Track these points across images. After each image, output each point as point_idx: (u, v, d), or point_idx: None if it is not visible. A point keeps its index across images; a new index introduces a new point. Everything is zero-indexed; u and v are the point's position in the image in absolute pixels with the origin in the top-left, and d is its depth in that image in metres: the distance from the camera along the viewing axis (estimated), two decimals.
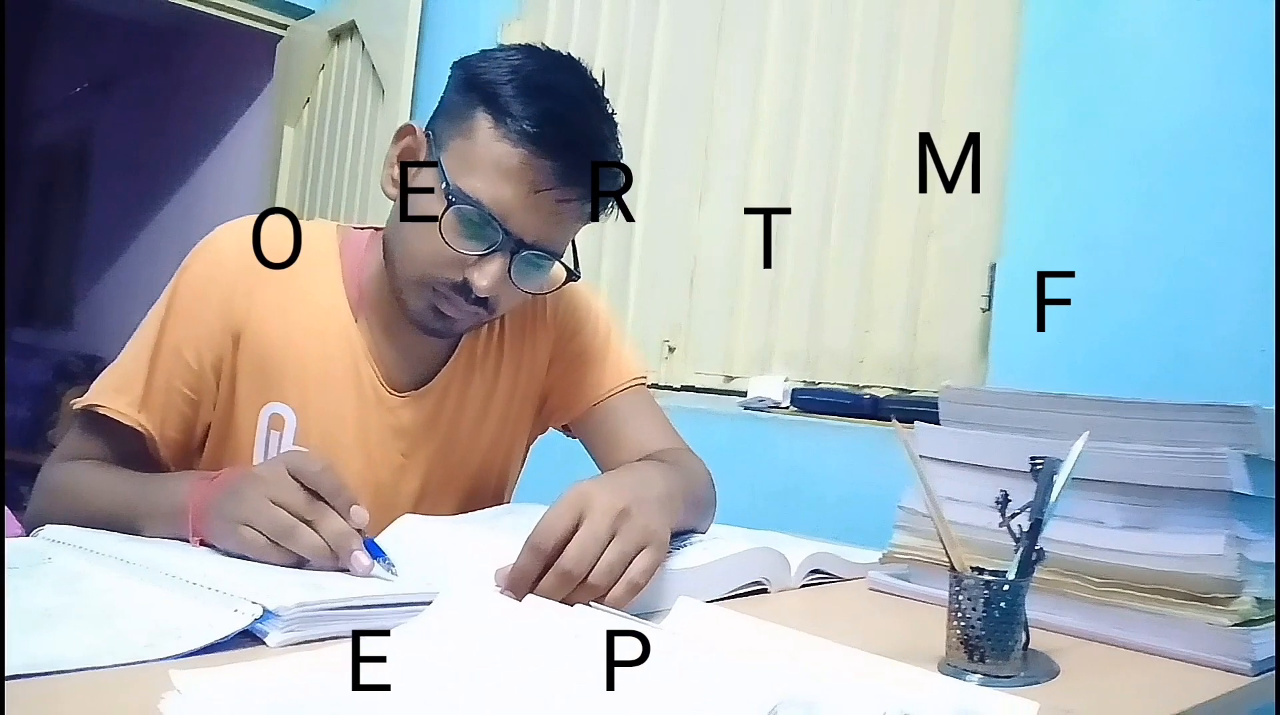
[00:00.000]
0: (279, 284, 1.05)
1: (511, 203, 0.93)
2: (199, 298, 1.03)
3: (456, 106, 0.97)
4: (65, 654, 0.57)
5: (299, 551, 0.78)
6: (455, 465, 1.14)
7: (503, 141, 0.92)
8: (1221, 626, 0.79)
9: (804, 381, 2.09)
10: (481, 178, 0.93)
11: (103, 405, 1.01)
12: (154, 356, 1.02)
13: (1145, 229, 1.56)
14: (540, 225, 0.95)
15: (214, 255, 1.05)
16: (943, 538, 0.75)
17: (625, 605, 0.73)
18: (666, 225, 2.40)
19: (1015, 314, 1.69)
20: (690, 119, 2.39)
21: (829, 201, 2.10)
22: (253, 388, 1.04)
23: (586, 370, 1.18)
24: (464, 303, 0.98)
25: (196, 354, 1.03)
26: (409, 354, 1.09)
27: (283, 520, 0.78)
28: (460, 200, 0.93)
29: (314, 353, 1.05)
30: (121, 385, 1.02)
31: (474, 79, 0.96)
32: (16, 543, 0.83)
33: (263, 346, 1.04)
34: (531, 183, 0.93)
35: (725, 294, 2.28)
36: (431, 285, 0.98)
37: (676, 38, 2.46)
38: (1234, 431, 0.83)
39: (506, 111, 0.92)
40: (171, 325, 1.03)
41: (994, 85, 1.85)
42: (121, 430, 1.01)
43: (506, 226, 0.94)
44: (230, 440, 1.05)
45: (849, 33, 2.11)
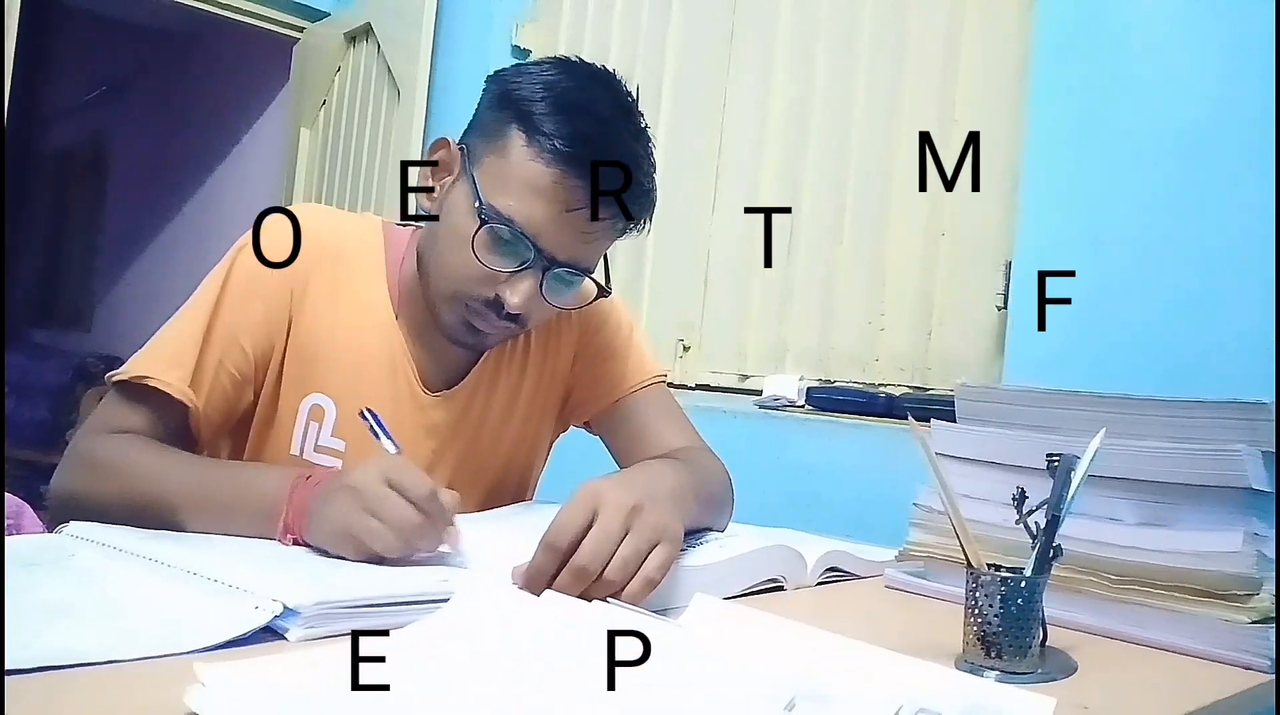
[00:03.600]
0: (329, 275, 1.06)
1: (543, 222, 0.94)
2: (258, 281, 1.03)
3: (490, 123, 0.97)
4: (88, 647, 0.57)
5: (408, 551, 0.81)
6: (481, 464, 1.15)
7: (536, 161, 0.93)
8: (1239, 623, 0.79)
9: (818, 380, 2.09)
10: (514, 196, 0.94)
11: (154, 377, 0.98)
12: (208, 335, 1.01)
13: (1159, 226, 1.55)
14: (572, 244, 0.96)
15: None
16: (959, 535, 0.75)
17: (641, 601, 0.74)
18: (680, 225, 2.40)
19: (1031, 312, 1.68)
20: (702, 119, 2.39)
21: (841, 200, 2.10)
22: (297, 377, 1.05)
23: (609, 366, 1.18)
24: (495, 318, 0.98)
25: (252, 338, 1.02)
26: (440, 355, 1.10)
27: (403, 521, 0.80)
28: (493, 218, 0.94)
29: (356, 347, 1.06)
30: (174, 360, 1.00)
31: (508, 95, 0.96)
32: (40, 539, 0.84)
33: (310, 337, 1.05)
34: (564, 202, 0.93)
35: (739, 293, 2.28)
36: (464, 301, 0.99)
37: (689, 38, 2.46)
38: (1251, 428, 0.82)
39: (539, 130, 0.93)
40: (228, 306, 1.02)
41: (1005, 83, 1.85)
42: (168, 404, 0.99)
43: (539, 245, 0.94)
44: (272, 428, 1.05)
45: (859, 33, 2.11)
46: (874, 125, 2.06)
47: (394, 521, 0.80)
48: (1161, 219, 1.55)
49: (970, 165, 1.83)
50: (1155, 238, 1.55)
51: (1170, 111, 1.56)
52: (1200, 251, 1.50)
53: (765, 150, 2.26)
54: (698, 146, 2.39)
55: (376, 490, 0.81)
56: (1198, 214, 1.51)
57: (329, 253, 1.07)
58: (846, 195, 2.09)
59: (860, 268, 2.06)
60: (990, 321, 1.84)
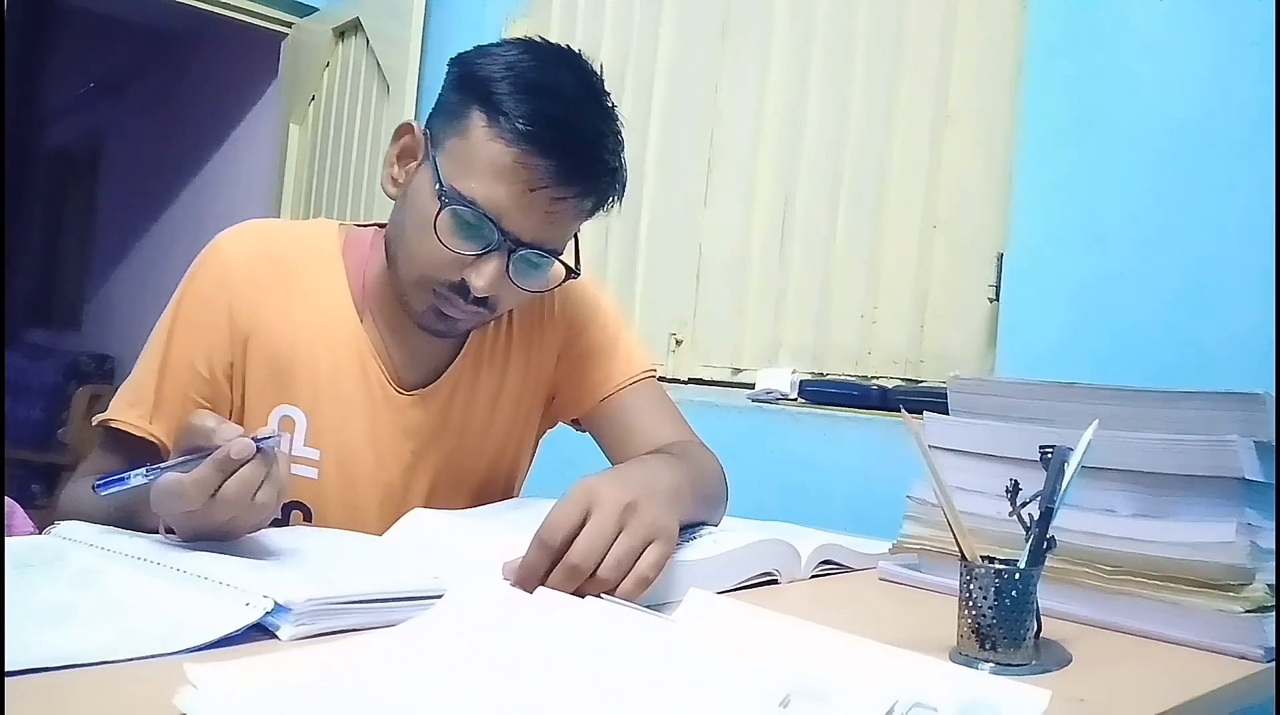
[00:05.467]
0: (284, 287, 1.06)
1: (506, 202, 0.93)
2: (206, 306, 1.04)
3: (452, 105, 0.97)
4: (80, 648, 0.57)
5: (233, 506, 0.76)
6: (465, 463, 1.14)
7: (496, 141, 0.92)
8: (1233, 613, 0.79)
9: (812, 373, 2.09)
10: (476, 178, 0.93)
11: (115, 419, 1.02)
12: (163, 368, 1.02)
13: (1152, 220, 1.55)
14: (536, 224, 0.95)
15: (218, 262, 1.05)
16: (953, 527, 0.75)
17: (635, 598, 0.73)
18: (672, 219, 2.39)
19: (1022, 305, 1.69)
20: (696, 113, 2.38)
21: (835, 194, 2.10)
22: (263, 391, 1.04)
23: (595, 364, 1.18)
24: (464, 303, 0.98)
25: (207, 362, 1.03)
26: (416, 352, 1.09)
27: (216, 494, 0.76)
28: (454, 201, 0.93)
29: (322, 354, 1.05)
30: (134, 399, 1.03)
31: (469, 77, 0.96)
32: (31, 540, 0.83)
33: (271, 350, 1.04)
34: (526, 182, 0.92)
35: (732, 287, 2.27)
36: (431, 286, 0.98)
37: (681, 32, 2.45)
38: (1244, 419, 0.82)
39: (500, 110, 0.92)
40: (179, 336, 1.03)
41: (1000, 77, 1.84)
42: (135, 443, 1.01)
43: (502, 226, 0.94)
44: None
45: (854, 27, 2.10)
46: (868, 118, 2.06)
47: (224, 503, 0.76)
48: (1156, 213, 1.55)
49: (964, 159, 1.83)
50: (1149, 232, 1.55)
51: (1165, 105, 1.55)
52: (1194, 246, 1.50)
53: (759, 144, 2.25)
54: (691, 141, 2.38)
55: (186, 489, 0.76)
56: (1193, 208, 1.51)
57: (283, 263, 1.06)
58: (840, 189, 2.09)
59: (854, 261, 2.06)
60: (984, 314, 1.84)
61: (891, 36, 2.03)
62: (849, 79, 2.10)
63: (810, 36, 2.17)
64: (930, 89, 1.96)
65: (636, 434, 1.14)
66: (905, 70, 2.01)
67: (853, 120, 2.09)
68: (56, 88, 6.23)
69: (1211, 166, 1.50)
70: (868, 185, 2.05)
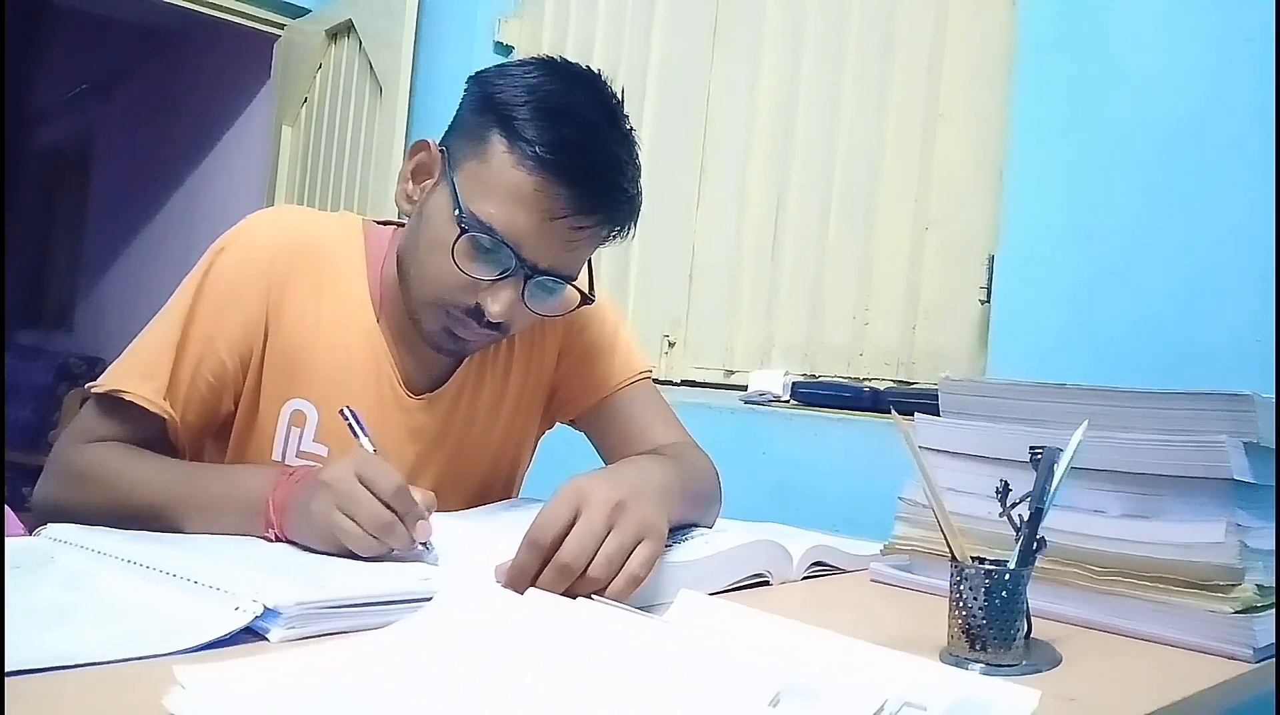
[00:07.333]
0: (310, 278, 1.04)
1: (525, 230, 0.92)
2: (233, 288, 1.02)
3: (471, 126, 0.95)
4: (70, 650, 0.57)
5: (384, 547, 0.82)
6: (467, 465, 1.14)
7: (518, 168, 0.91)
8: (1223, 614, 0.79)
9: (804, 375, 2.09)
10: (495, 203, 0.92)
11: (128, 391, 0.98)
12: (182, 343, 1.00)
13: (1145, 220, 1.55)
14: (554, 252, 0.94)
15: (249, 245, 1.03)
16: (943, 528, 0.75)
17: (626, 597, 0.74)
18: (665, 220, 2.39)
19: (1014, 306, 1.69)
20: (687, 113, 2.39)
21: (827, 195, 2.10)
22: (277, 382, 1.04)
23: (594, 364, 1.18)
24: (476, 326, 0.97)
25: (229, 345, 1.01)
26: (424, 357, 1.09)
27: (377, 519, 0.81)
28: (474, 227, 0.92)
29: (338, 350, 1.05)
30: (148, 371, 0.99)
31: (489, 98, 0.95)
32: (21, 542, 0.83)
33: (290, 341, 1.03)
34: (546, 210, 0.92)
35: (724, 288, 2.28)
36: (445, 308, 0.98)
37: (673, 33, 2.45)
38: (1233, 419, 0.83)
39: (521, 136, 0.91)
40: (203, 313, 1.01)
41: (991, 77, 1.85)
42: (144, 416, 0.99)
43: (520, 254, 0.93)
44: (253, 433, 1.04)
45: (846, 26, 2.10)
46: (860, 119, 2.06)
47: (366, 518, 0.80)
48: (1148, 212, 1.55)
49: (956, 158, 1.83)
50: (1141, 232, 1.55)
51: (1157, 104, 1.55)
52: (1187, 246, 1.50)
53: (751, 145, 2.25)
54: (683, 141, 2.38)
55: (348, 486, 0.81)
56: (1185, 207, 1.51)
57: (310, 255, 1.05)
58: (831, 190, 2.09)
59: (845, 262, 2.06)
60: (975, 315, 1.84)
61: (882, 37, 2.04)
62: (840, 79, 2.10)
63: (801, 37, 2.17)
64: (921, 89, 1.96)
65: (632, 434, 1.15)
66: (896, 70, 2.01)
67: (844, 121, 2.09)
68: (47, 87, 6.21)
69: (1204, 166, 1.50)
70: (859, 186, 2.05)
